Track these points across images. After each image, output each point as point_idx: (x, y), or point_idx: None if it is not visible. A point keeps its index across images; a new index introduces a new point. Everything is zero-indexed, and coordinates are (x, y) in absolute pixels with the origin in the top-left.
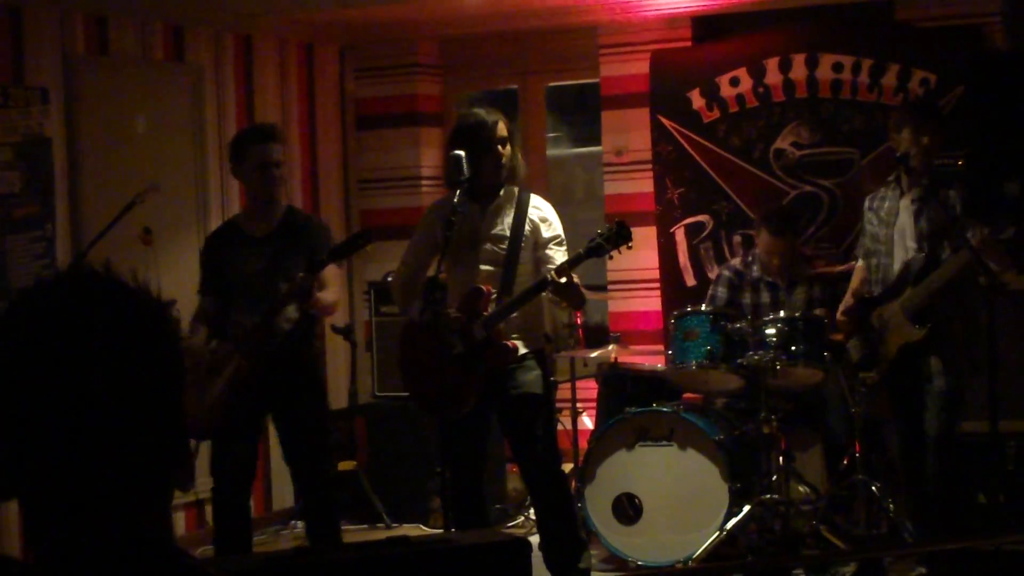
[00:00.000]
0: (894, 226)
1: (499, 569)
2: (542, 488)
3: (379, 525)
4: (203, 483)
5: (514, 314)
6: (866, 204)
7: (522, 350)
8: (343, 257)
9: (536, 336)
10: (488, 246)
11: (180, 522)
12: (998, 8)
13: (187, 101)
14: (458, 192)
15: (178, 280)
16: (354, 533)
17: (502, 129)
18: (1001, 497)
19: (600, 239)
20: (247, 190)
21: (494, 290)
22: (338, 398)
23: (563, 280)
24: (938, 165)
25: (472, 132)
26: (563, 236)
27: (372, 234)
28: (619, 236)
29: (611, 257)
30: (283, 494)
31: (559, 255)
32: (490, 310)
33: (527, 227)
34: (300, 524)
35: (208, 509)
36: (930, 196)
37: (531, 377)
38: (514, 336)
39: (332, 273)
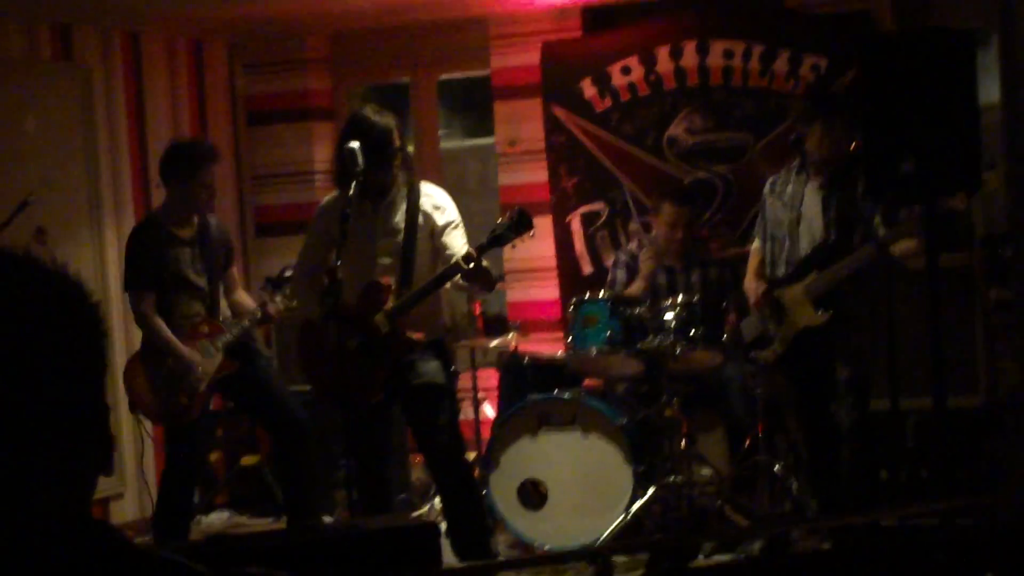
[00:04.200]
0: (799, 210)
1: (409, 553)
2: (446, 476)
3: (284, 519)
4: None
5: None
6: (767, 188)
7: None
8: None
9: (435, 326)
10: (384, 240)
11: None
12: None
13: (76, 100)
14: (353, 184)
15: None
16: (259, 528)
17: (395, 139)
18: (903, 473)
19: (502, 228)
20: (182, 199)
21: (392, 283)
22: None
23: (471, 266)
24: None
25: (365, 140)
26: (459, 220)
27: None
28: (520, 224)
29: (514, 246)
30: None
31: (457, 239)
32: (390, 303)
33: (420, 217)
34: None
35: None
36: (838, 183)
37: (432, 367)
38: (413, 327)
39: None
